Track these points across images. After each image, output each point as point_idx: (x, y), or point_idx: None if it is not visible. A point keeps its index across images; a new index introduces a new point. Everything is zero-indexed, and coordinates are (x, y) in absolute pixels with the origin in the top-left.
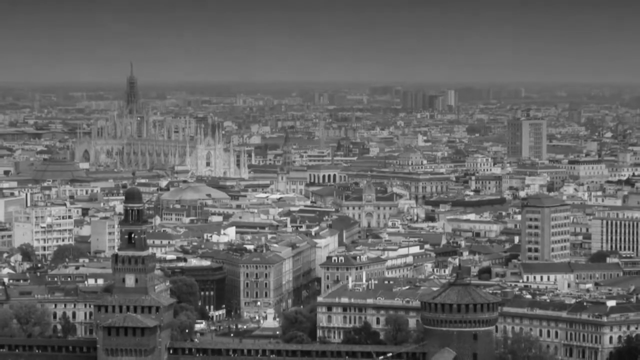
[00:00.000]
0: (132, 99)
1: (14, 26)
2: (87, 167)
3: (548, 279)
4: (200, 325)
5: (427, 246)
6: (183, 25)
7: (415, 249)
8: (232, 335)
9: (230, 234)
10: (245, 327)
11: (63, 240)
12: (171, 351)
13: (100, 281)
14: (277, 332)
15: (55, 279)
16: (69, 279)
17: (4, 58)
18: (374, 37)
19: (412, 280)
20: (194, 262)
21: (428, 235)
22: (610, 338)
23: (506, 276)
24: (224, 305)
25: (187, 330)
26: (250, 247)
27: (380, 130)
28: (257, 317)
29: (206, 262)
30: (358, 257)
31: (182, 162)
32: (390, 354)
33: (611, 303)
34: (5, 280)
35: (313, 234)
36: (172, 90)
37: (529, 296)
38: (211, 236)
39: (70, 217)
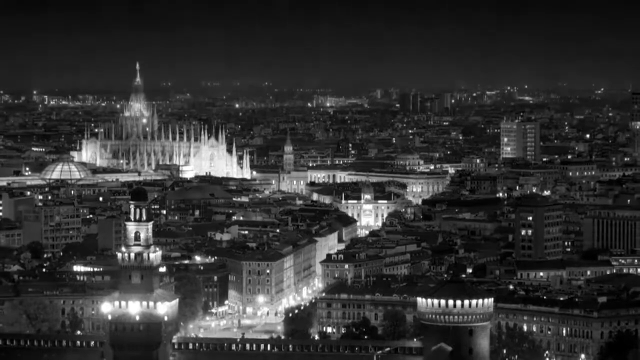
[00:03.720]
0: (138, 100)
1: (19, 28)
2: (95, 167)
3: (541, 276)
4: (206, 322)
5: (423, 244)
6: (187, 28)
7: (413, 247)
8: (234, 330)
9: (233, 232)
10: (247, 322)
11: (71, 238)
12: (176, 346)
13: (107, 278)
14: (278, 327)
15: (64, 276)
16: (77, 276)
17: (12, 61)
18: (373, 40)
19: (409, 277)
20: (197, 259)
21: (425, 234)
22: (601, 333)
23: (500, 273)
24: (226, 301)
25: (191, 326)
26: (252, 244)
27: (379, 131)
28: (258, 313)
29: (210, 260)
30: (357, 255)
31: (187, 162)
32: (388, 349)
33: (602, 299)
34: (15, 277)
35: (313, 232)
36: (177, 93)
37: (522, 292)
38: (214, 234)
39: (78, 216)
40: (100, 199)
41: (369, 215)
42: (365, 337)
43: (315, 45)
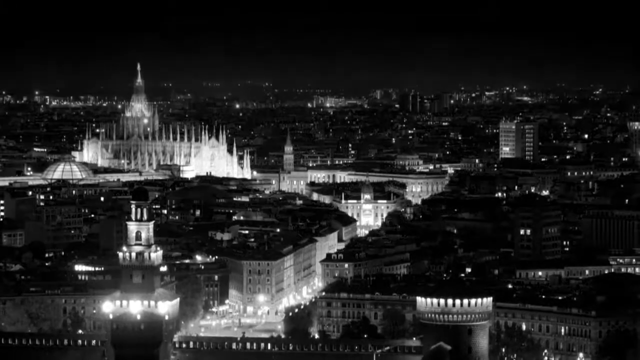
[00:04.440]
0: (139, 100)
1: (21, 27)
2: (96, 167)
3: (540, 275)
4: (206, 321)
5: (423, 244)
6: (187, 29)
7: (412, 247)
8: (235, 329)
9: (233, 232)
10: (247, 321)
11: (73, 238)
12: (177, 345)
13: (109, 277)
14: (279, 326)
15: (65, 275)
16: (78, 275)
17: (14, 61)
18: (373, 41)
19: (408, 276)
20: (198, 258)
21: (424, 234)
22: (600, 332)
23: (499, 272)
24: (227, 301)
25: (192, 325)
26: (253, 244)
27: (379, 132)
28: (259, 312)
29: (210, 259)
30: (357, 254)
31: (188, 162)
32: (388, 348)
33: (600, 298)
34: (17, 276)
35: (313, 231)
36: (178, 93)
37: (521, 292)
38: (215, 234)
39: (79, 215)
40: (102, 198)
41: (368, 215)
42: (365, 336)
43: (316, 45)
